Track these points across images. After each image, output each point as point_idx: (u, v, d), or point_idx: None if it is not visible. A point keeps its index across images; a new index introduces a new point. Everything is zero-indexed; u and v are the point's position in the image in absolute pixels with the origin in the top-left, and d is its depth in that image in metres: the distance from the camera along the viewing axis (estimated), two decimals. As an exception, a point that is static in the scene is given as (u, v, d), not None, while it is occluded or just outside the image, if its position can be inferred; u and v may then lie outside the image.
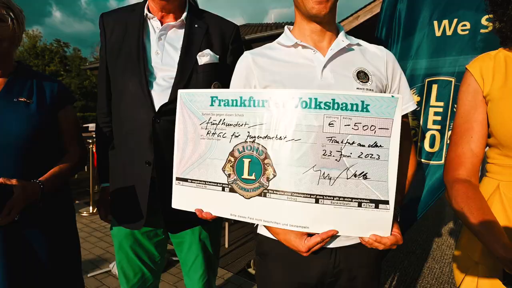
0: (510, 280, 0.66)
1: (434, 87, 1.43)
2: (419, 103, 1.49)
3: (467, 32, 1.34)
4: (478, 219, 0.76)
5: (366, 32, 2.49)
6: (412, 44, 1.47)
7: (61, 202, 1.21)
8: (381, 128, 0.78)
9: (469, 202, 0.79)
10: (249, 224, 1.10)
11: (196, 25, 1.20)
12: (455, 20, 1.35)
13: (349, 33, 1.04)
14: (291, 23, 1.17)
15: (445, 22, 1.37)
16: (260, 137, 0.83)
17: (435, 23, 1.40)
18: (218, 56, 1.20)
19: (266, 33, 6.80)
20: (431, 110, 1.45)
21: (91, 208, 4.53)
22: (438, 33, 1.40)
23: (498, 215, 0.77)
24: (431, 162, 1.49)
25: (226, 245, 3.04)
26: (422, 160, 1.49)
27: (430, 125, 1.46)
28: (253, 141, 0.84)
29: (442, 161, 1.44)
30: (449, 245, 3.41)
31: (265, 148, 0.82)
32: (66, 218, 1.25)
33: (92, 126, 11.59)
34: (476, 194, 0.81)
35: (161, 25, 1.20)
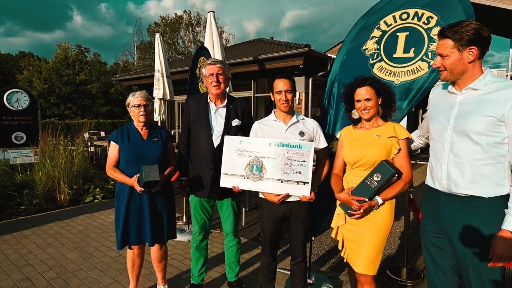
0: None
1: (350, 132, 2.75)
2: (343, 140, 2.80)
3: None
4: (334, 186, 2.04)
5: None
6: (339, 109, 2.80)
7: (168, 184, 2.46)
8: (306, 155, 2.06)
9: (334, 181, 2.06)
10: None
11: (230, 106, 2.48)
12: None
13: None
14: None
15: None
16: (261, 157, 2.12)
17: (349, 100, 2.72)
18: (240, 122, 2.47)
19: (277, 54, 8.09)
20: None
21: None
22: (350, 105, 2.72)
23: (345, 184, 2.04)
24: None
25: (243, 224, 4.46)
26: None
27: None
28: (257, 158, 2.12)
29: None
30: (400, 225, 4.44)
31: (262, 161, 2.11)
32: (170, 192, 2.49)
33: (102, 133, 13.14)
34: (338, 178, 2.07)
35: (215, 107, 2.47)
